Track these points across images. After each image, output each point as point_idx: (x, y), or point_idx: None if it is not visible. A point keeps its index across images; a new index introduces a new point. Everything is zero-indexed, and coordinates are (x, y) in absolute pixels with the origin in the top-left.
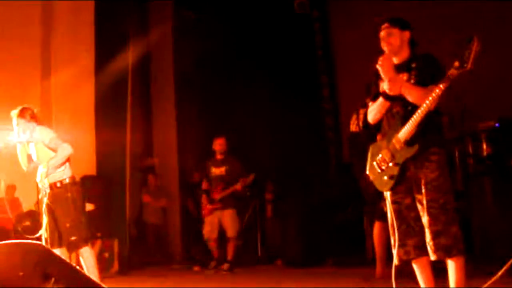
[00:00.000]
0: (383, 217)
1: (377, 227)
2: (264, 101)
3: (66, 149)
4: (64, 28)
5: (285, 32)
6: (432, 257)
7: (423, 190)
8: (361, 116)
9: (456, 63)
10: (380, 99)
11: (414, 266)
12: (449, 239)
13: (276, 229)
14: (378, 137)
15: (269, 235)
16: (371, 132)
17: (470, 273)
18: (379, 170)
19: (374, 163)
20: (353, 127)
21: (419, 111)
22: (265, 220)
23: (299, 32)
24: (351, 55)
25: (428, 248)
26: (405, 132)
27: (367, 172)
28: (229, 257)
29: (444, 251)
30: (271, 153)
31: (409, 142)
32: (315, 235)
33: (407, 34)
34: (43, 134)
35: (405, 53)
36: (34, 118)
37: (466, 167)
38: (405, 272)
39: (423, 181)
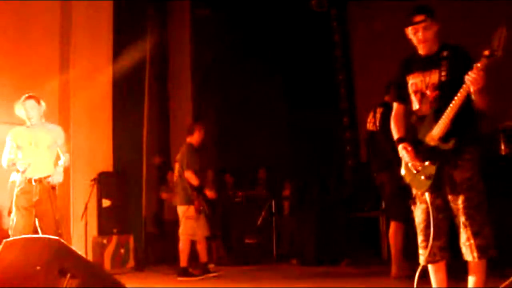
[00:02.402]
0: (399, 217)
1: (393, 227)
2: (281, 99)
3: (68, 160)
4: (82, 24)
5: (302, 30)
6: (468, 257)
7: (458, 190)
8: (378, 115)
9: (486, 52)
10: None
11: (430, 266)
12: (484, 240)
13: (292, 228)
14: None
15: (284, 234)
16: (388, 131)
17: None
18: (415, 171)
19: (410, 164)
20: (370, 126)
21: (451, 105)
22: (281, 219)
23: (317, 30)
24: (369, 54)
25: (464, 248)
26: (439, 128)
27: (402, 174)
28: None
29: (481, 251)
30: (288, 152)
31: (443, 138)
32: (330, 235)
33: (438, 25)
34: (62, 134)
35: (435, 45)
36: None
37: (484, 167)
38: (421, 272)
39: (458, 182)
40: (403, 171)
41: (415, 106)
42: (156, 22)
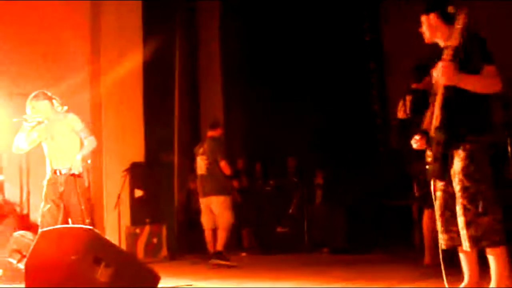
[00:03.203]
0: (433, 205)
1: (427, 215)
2: (312, 88)
3: (93, 143)
4: (112, 16)
5: (332, 18)
6: (464, 247)
7: (456, 179)
8: (408, 103)
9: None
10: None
11: (460, 253)
12: (478, 230)
13: (323, 216)
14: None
15: (315, 222)
16: (418, 118)
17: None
18: (428, 159)
19: (428, 152)
20: (400, 114)
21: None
22: (312, 207)
23: (347, 17)
24: (400, 40)
25: (462, 238)
26: (434, 119)
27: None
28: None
29: (472, 242)
30: (319, 140)
31: (438, 128)
32: (362, 223)
33: (432, 16)
34: (75, 120)
35: (444, 34)
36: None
37: None
38: (454, 260)
39: (456, 170)
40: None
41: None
42: (185, 14)
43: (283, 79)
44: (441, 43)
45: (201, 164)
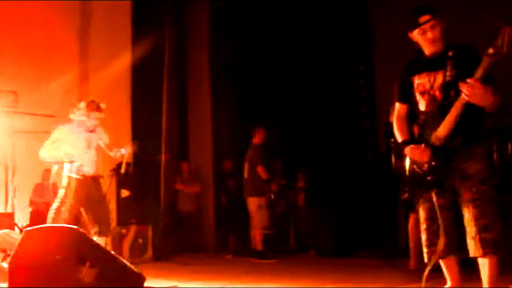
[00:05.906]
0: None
1: (412, 220)
2: (299, 91)
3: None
4: (101, 16)
5: (321, 20)
6: (477, 253)
7: (471, 182)
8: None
9: (491, 50)
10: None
11: (442, 263)
12: (497, 234)
13: (309, 219)
14: (415, 128)
15: (301, 225)
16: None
17: (502, 270)
18: (421, 172)
19: (415, 165)
20: (391, 118)
21: (453, 108)
22: (297, 209)
23: (336, 20)
24: (389, 43)
25: (472, 243)
26: (443, 128)
27: (407, 174)
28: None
29: (491, 247)
30: (306, 143)
31: (449, 138)
32: (348, 226)
33: (444, 23)
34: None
35: (441, 45)
36: None
37: (505, 160)
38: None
39: (470, 174)
40: (407, 172)
41: (422, 107)
42: (174, 13)
43: (271, 80)
44: (430, 52)
45: (245, 169)
